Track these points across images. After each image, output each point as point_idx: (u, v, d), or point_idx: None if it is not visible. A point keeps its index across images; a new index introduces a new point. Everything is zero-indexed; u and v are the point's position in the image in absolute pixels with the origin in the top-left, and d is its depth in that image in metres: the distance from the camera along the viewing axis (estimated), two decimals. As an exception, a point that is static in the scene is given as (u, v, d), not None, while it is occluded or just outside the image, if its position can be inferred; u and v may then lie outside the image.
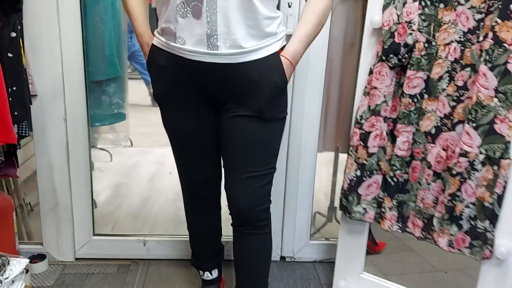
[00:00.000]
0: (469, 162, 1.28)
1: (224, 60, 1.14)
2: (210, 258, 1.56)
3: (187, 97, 1.24)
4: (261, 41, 1.15)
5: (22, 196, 1.95)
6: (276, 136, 1.29)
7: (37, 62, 1.63)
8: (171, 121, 1.31)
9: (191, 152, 1.35)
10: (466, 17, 1.27)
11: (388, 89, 1.40)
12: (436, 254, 2.04)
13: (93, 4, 1.69)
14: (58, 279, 1.77)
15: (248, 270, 1.38)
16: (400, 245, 2.10)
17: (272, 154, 1.29)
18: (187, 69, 1.17)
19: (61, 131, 1.73)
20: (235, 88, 1.18)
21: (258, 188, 1.27)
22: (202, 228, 1.53)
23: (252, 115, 1.21)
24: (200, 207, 1.48)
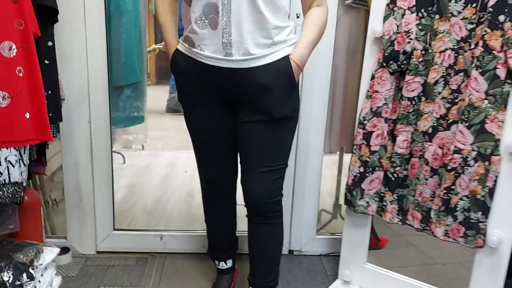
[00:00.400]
0: (463, 158, 1.41)
1: (237, 65, 1.27)
2: (225, 249, 1.68)
3: (206, 99, 1.38)
4: (270, 48, 1.28)
5: (48, 192, 2.08)
6: (288, 134, 1.42)
7: (65, 69, 1.77)
8: (192, 121, 1.45)
9: (209, 151, 1.49)
10: (459, 27, 1.40)
11: (389, 92, 1.54)
12: (436, 249, 2.16)
13: (117, 16, 1.84)
14: (81, 270, 1.90)
15: (262, 256, 1.50)
16: (401, 240, 2.22)
17: (284, 151, 1.42)
18: (205, 73, 1.31)
19: (86, 132, 1.87)
20: (247, 90, 1.31)
21: (271, 182, 1.40)
22: (218, 221, 1.65)
23: (264, 119, 1.34)
24: (217, 202, 1.61)
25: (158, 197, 2.65)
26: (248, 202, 1.44)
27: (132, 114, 1.99)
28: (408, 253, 2.15)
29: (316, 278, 1.91)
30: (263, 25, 1.25)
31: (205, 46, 1.27)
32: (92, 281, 1.82)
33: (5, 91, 1.31)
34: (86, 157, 1.90)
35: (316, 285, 1.86)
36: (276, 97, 1.31)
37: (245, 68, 1.28)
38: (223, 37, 1.24)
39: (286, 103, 1.34)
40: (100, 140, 1.90)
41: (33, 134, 1.41)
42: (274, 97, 1.31)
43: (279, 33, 1.29)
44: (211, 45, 1.27)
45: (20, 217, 1.71)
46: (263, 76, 1.29)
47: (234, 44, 1.25)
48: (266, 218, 1.44)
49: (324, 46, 1.81)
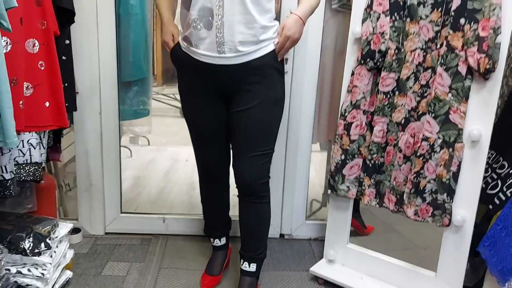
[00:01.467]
0: (430, 145, 1.58)
1: (229, 62, 1.47)
2: (219, 228, 1.87)
3: (203, 92, 1.57)
4: (257, 45, 1.48)
5: (62, 178, 2.28)
6: (275, 120, 1.60)
7: (79, 65, 1.97)
8: (190, 111, 1.65)
9: (205, 138, 1.67)
10: (427, 29, 1.58)
11: (367, 87, 1.72)
12: (418, 235, 2.32)
13: (125, 18, 2.04)
14: (91, 248, 2.09)
15: (252, 232, 1.68)
16: (387, 228, 2.38)
17: (271, 137, 1.61)
18: (201, 69, 1.51)
19: (96, 123, 2.07)
20: (237, 82, 1.50)
21: (260, 165, 1.59)
22: (213, 202, 1.84)
23: (253, 107, 1.52)
24: (212, 184, 1.79)
25: (161, 188, 2.84)
26: (240, 183, 1.62)
27: (138, 107, 2.18)
28: (393, 238, 2.32)
29: (304, 259, 2.09)
30: (252, 25, 1.44)
31: (201, 45, 1.47)
32: (100, 257, 2.01)
33: (29, 82, 1.51)
34: (96, 146, 2.10)
35: (304, 264, 2.03)
36: (262, 86, 1.51)
37: (235, 64, 1.47)
38: (217, 37, 1.43)
39: (271, 92, 1.53)
40: (109, 131, 2.09)
41: (52, 121, 1.61)
42: (261, 86, 1.51)
43: (265, 32, 1.48)
44: (206, 44, 1.46)
45: (37, 198, 1.90)
46: (251, 70, 1.49)
47: (227, 43, 1.44)
48: (256, 197, 1.62)
49: (312, 46, 2.01)
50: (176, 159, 3.39)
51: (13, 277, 1.50)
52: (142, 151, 3.54)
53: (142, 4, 2.06)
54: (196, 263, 1.99)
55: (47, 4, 1.51)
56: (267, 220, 1.71)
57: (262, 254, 1.71)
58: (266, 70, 1.50)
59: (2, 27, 1.15)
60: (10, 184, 1.45)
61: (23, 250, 1.52)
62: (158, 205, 2.58)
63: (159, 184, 2.91)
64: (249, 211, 1.66)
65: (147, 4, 2.15)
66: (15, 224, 1.58)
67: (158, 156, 3.47)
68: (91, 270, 1.89)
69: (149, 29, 2.18)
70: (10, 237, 1.52)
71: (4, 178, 1.43)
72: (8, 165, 1.44)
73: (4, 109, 1.16)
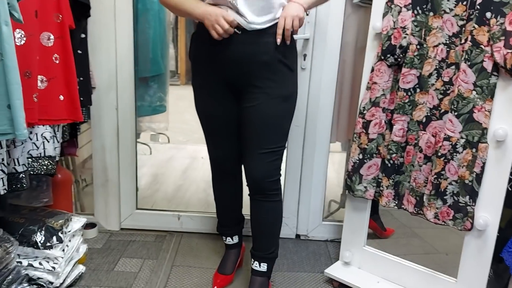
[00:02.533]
0: (452, 145, 1.51)
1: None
2: (232, 226, 1.83)
3: (214, 86, 1.55)
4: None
5: (79, 173, 2.29)
6: (286, 116, 1.55)
7: (96, 60, 1.97)
8: (202, 106, 1.62)
9: (216, 132, 1.65)
10: (451, 24, 1.51)
11: (386, 84, 1.66)
12: (440, 240, 2.24)
13: (143, 13, 2.03)
14: (106, 243, 2.09)
15: (262, 231, 1.64)
16: (408, 231, 2.31)
17: (281, 133, 1.56)
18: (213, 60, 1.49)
19: (113, 119, 2.07)
20: (247, 75, 1.47)
21: (270, 163, 1.55)
22: (225, 199, 1.81)
23: (262, 101, 1.48)
24: (224, 180, 1.77)
25: (178, 185, 2.84)
26: (249, 181, 1.59)
27: (155, 103, 2.18)
28: (413, 242, 2.24)
29: (320, 260, 2.03)
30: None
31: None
32: (114, 253, 2.01)
33: (43, 75, 1.51)
34: (113, 141, 2.10)
35: (319, 266, 1.98)
36: (271, 82, 1.48)
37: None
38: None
39: (281, 88, 1.49)
40: (126, 126, 2.09)
41: (66, 115, 1.61)
42: (270, 82, 1.48)
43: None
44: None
45: (53, 192, 1.92)
46: (260, 65, 1.47)
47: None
48: (265, 195, 1.58)
49: (332, 42, 1.95)
50: (194, 157, 3.38)
51: (24, 269, 1.50)
52: (161, 148, 3.55)
53: None
54: (209, 262, 1.97)
55: (62, -3, 1.52)
56: (278, 220, 1.66)
57: (273, 254, 1.67)
58: (275, 65, 1.47)
59: (14, 18, 1.15)
60: (22, 176, 1.45)
61: (35, 243, 1.53)
62: (175, 203, 2.57)
63: (177, 182, 2.91)
64: (259, 210, 1.63)
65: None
66: (28, 217, 1.59)
67: (177, 153, 3.47)
68: (104, 266, 1.89)
69: (167, 26, 2.17)
70: (22, 230, 1.53)
71: (16, 170, 1.44)
72: (20, 157, 1.44)
73: (14, 100, 1.15)
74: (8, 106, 1.17)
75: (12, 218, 1.60)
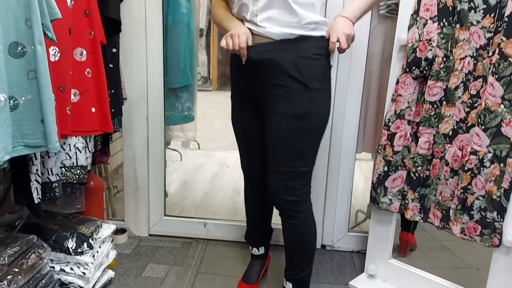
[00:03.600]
0: (479, 159, 1.48)
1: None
2: (258, 237, 1.84)
3: (242, 97, 1.58)
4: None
5: (110, 180, 2.38)
6: (300, 136, 1.43)
7: (128, 72, 2.05)
8: (235, 119, 1.65)
9: (247, 146, 1.66)
10: (478, 36, 1.49)
11: (412, 96, 1.64)
12: (471, 254, 2.19)
13: (172, 26, 2.09)
14: (135, 249, 2.16)
15: (285, 248, 1.63)
16: (437, 244, 2.27)
17: (294, 154, 1.44)
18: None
19: (143, 128, 2.13)
20: (264, 85, 1.45)
21: (282, 182, 1.48)
22: (255, 211, 1.81)
23: (274, 118, 1.44)
24: (253, 193, 1.77)
25: (207, 192, 2.89)
26: (269, 196, 1.56)
27: (183, 113, 2.23)
28: (442, 256, 2.20)
29: (345, 272, 2.02)
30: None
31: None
32: (142, 258, 2.07)
33: (76, 89, 1.59)
34: (143, 150, 2.17)
35: (344, 277, 1.97)
36: (282, 98, 1.42)
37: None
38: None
39: (293, 105, 1.41)
40: (156, 136, 2.15)
41: (97, 126, 1.68)
42: (281, 98, 1.42)
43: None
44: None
45: (86, 199, 2.00)
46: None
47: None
48: (284, 215, 1.55)
49: (358, 52, 1.95)
50: (223, 164, 3.43)
51: (56, 274, 1.58)
52: (192, 155, 3.62)
53: (189, 14, 2.11)
54: (233, 270, 2.00)
55: (94, 14, 1.59)
56: (299, 243, 1.58)
57: (297, 276, 1.62)
58: (286, 81, 1.40)
59: (47, 37, 1.21)
60: (55, 186, 1.53)
61: (66, 249, 1.60)
62: (202, 209, 2.62)
63: (205, 188, 2.96)
64: (284, 229, 1.60)
65: (194, 13, 2.19)
66: (61, 224, 1.67)
67: (207, 160, 3.53)
68: (132, 271, 1.95)
69: (196, 38, 2.23)
70: (56, 236, 1.60)
71: (50, 180, 1.51)
72: (54, 168, 1.52)
73: (47, 115, 1.22)
74: (42, 120, 1.23)
75: (47, 224, 1.68)
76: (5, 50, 1.16)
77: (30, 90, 1.21)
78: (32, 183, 1.41)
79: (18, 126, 1.22)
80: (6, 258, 1.38)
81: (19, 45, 1.18)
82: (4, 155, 1.16)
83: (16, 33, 1.17)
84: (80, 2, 1.55)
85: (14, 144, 1.22)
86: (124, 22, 1.93)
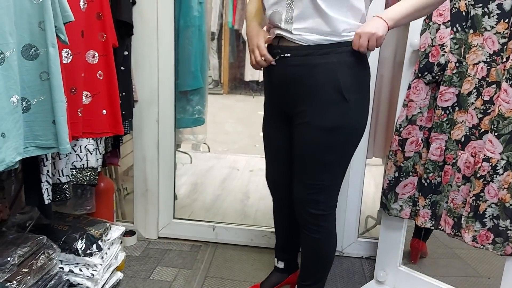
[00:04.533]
0: (492, 166, 1.46)
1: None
2: (282, 250, 1.79)
3: (271, 107, 1.56)
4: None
5: (120, 182, 2.39)
6: (329, 150, 1.38)
7: (139, 75, 2.06)
8: (265, 129, 1.62)
9: (274, 157, 1.62)
10: (492, 41, 1.47)
11: (424, 102, 1.62)
12: (483, 263, 2.16)
13: (184, 29, 2.10)
14: (144, 251, 2.16)
15: (302, 261, 1.61)
16: (448, 252, 2.24)
17: (321, 168, 1.40)
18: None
19: (154, 131, 2.14)
20: (293, 98, 1.42)
21: (306, 195, 1.46)
22: (279, 223, 1.77)
23: (303, 129, 1.40)
24: (278, 204, 1.73)
25: (216, 195, 2.89)
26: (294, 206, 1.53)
27: (194, 116, 2.24)
28: (454, 264, 2.17)
29: (354, 278, 2.00)
30: None
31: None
32: (151, 261, 2.07)
33: (88, 91, 1.60)
34: (153, 152, 2.17)
35: (353, 284, 1.95)
36: (312, 109, 1.37)
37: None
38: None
39: (322, 118, 1.36)
40: (166, 138, 2.16)
41: (108, 128, 1.69)
42: (311, 109, 1.38)
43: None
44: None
45: (96, 201, 2.01)
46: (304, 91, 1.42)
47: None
48: (305, 227, 1.52)
49: (370, 57, 1.93)
50: (233, 167, 3.43)
51: (65, 275, 1.58)
52: (202, 157, 3.63)
53: (200, 17, 2.11)
54: (242, 274, 1.99)
55: (107, 17, 1.60)
56: (316, 256, 1.57)
57: (305, 285, 1.61)
58: (320, 91, 1.35)
59: (60, 40, 1.22)
60: (66, 187, 1.54)
61: (76, 250, 1.61)
62: (212, 212, 2.62)
63: (215, 192, 2.96)
64: (302, 238, 1.58)
65: (205, 16, 2.20)
66: (71, 225, 1.68)
67: (217, 163, 3.54)
68: (141, 273, 1.96)
69: (207, 41, 2.24)
70: (65, 237, 1.61)
71: (60, 181, 1.52)
72: (64, 169, 1.53)
73: (59, 117, 1.23)
74: (53, 122, 1.24)
75: (57, 225, 1.69)
76: (18, 52, 1.17)
77: (42, 92, 1.22)
78: (43, 184, 1.41)
79: (30, 127, 1.23)
80: (16, 258, 1.39)
81: (32, 47, 1.19)
82: (16, 155, 1.17)
83: (30, 35, 1.18)
84: (93, 5, 1.56)
85: (26, 145, 1.23)
86: (136, 25, 1.94)
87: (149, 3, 1.97)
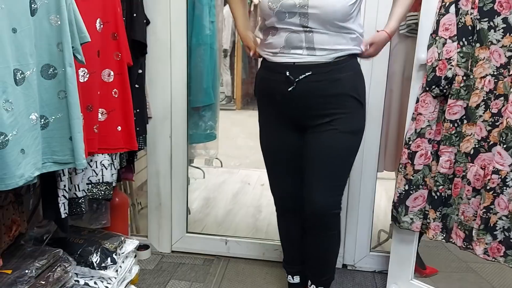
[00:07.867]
0: (501, 179, 1.46)
1: None
2: (292, 264, 1.80)
3: (278, 121, 1.60)
4: None
5: (135, 197, 2.44)
6: (352, 152, 1.56)
7: (153, 92, 2.11)
8: (266, 142, 1.67)
9: (279, 169, 1.67)
10: (499, 54, 1.48)
11: (432, 115, 1.64)
12: (498, 277, 2.13)
13: (196, 47, 2.16)
14: (157, 265, 2.19)
15: (317, 260, 1.69)
16: (462, 266, 2.22)
17: (345, 169, 1.58)
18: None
19: (167, 146, 2.19)
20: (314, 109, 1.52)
21: (331, 197, 1.56)
22: (287, 235, 1.79)
23: (332, 134, 1.50)
24: (286, 216, 1.76)
25: (228, 210, 2.91)
26: (310, 213, 1.57)
27: (206, 131, 2.28)
28: (468, 278, 2.15)
29: (366, 292, 2.00)
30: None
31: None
32: (164, 275, 2.10)
33: (103, 108, 1.65)
34: (166, 167, 2.22)
35: (365, 298, 1.95)
36: (340, 115, 1.51)
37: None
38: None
39: (350, 122, 1.52)
40: (179, 153, 2.21)
41: (123, 144, 1.74)
42: (339, 115, 1.51)
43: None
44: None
45: (111, 215, 2.05)
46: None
47: None
48: (325, 229, 1.59)
49: (378, 72, 1.97)
50: (245, 182, 3.45)
51: (81, 288, 1.62)
52: (215, 172, 3.66)
53: (212, 35, 2.17)
54: (254, 287, 2.00)
55: (122, 37, 1.66)
56: (332, 250, 1.69)
57: (327, 280, 1.69)
58: (345, 98, 1.50)
59: (77, 59, 1.28)
60: (82, 202, 1.58)
61: (91, 263, 1.64)
62: (224, 227, 2.64)
63: (227, 206, 2.98)
64: (314, 242, 1.63)
65: (217, 35, 2.26)
66: (87, 239, 1.72)
67: (229, 178, 3.57)
68: (154, 287, 1.98)
69: (220, 58, 2.29)
70: (81, 251, 1.65)
71: (76, 196, 1.57)
72: (80, 184, 1.58)
73: (75, 133, 1.28)
74: (70, 138, 1.29)
75: (73, 239, 1.73)
76: (38, 72, 1.23)
77: (60, 109, 1.27)
78: (60, 199, 1.46)
79: (48, 144, 1.28)
80: (34, 270, 1.43)
81: (51, 67, 1.25)
82: (35, 171, 1.22)
83: (49, 56, 1.24)
84: (109, 26, 1.62)
85: (44, 161, 1.28)
86: (150, 45, 2.00)
87: (162, 23, 2.04)
